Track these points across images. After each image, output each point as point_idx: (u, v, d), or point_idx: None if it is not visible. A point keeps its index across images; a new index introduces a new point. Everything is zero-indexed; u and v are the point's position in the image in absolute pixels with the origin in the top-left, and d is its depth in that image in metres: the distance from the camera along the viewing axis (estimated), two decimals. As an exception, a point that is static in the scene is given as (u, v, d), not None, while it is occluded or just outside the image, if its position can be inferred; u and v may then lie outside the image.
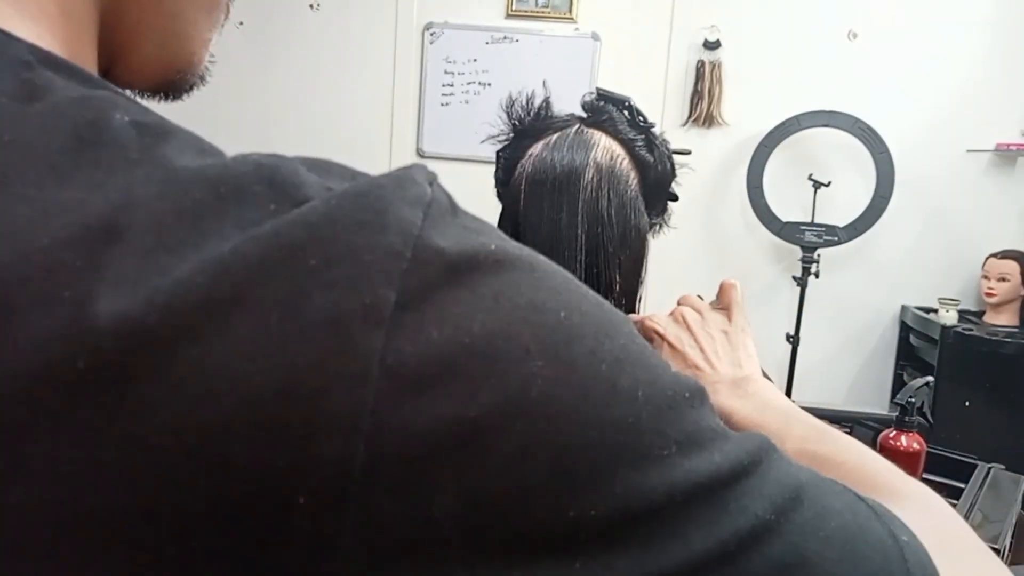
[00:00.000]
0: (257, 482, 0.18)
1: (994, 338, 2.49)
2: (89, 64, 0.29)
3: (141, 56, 0.31)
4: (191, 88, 0.35)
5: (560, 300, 0.22)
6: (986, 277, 2.61)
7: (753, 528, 0.23)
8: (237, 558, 0.18)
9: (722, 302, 0.64)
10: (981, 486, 1.06)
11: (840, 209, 2.70)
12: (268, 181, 0.21)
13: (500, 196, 0.77)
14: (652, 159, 0.73)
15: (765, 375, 0.60)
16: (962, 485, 1.06)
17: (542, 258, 0.24)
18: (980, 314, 2.70)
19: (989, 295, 2.58)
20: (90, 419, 0.18)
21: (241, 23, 2.92)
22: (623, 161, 0.72)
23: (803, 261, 2.67)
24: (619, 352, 0.22)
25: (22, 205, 0.19)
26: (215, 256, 0.19)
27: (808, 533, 0.24)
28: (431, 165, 0.25)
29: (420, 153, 2.93)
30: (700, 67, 2.81)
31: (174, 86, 0.34)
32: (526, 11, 2.87)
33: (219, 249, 0.19)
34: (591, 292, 0.24)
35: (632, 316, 0.66)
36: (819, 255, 2.68)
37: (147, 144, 0.21)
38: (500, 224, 0.73)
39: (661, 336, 0.61)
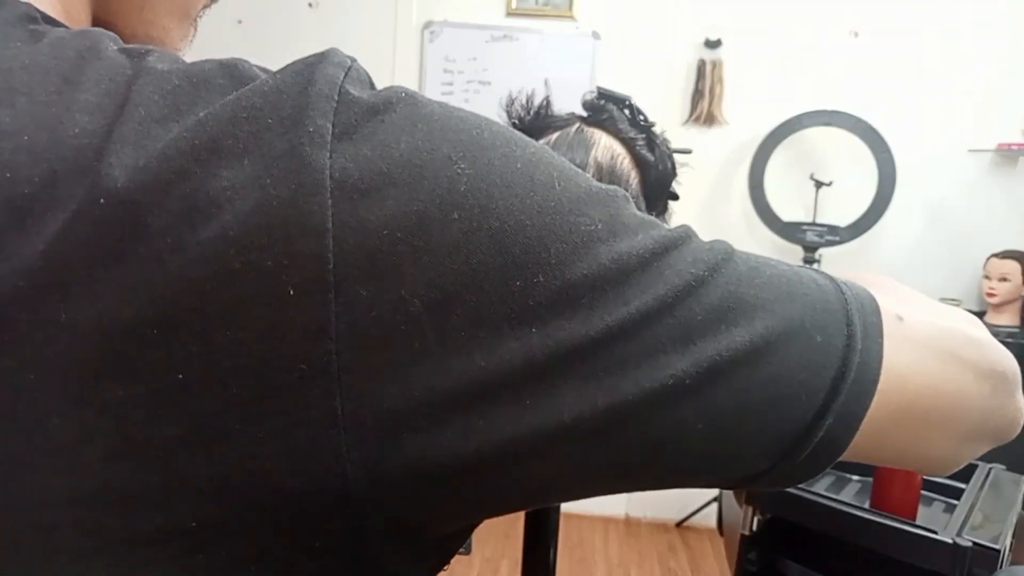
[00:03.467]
0: (253, 281, 0.22)
1: (996, 338, 2.48)
2: None
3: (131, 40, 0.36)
4: None
5: (471, 123, 0.26)
6: (987, 277, 2.61)
7: (687, 283, 0.26)
8: (247, 349, 0.22)
9: None
10: (981, 486, 1.06)
11: (842, 209, 2.70)
12: (228, 74, 0.26)
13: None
14: (653, 158, 0.72)
15: None
16: (962, 485, 1.06)
17: (455, 106, 0.27)
18: (981, 314, 2.70)
19: (990, 295, 2.58)
20: (116, 246, 0.22)
21: (240, 21, 2.92)
22: (624, 160, 0.71)
23: (804, 261, 2.66)
24: (531, 156, 0.26)
25: (49, 107, 0.24)
26: (194, 121, 0.24)
27: (743, 280, 0.28)
28: None
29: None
30: (701, 66, 2.81)
31: None
32: (526, 9, 2.86)
33: (196, 116, 0.24)
34: (501, 124, 0.28)
35: None
36: (820, 255, 2.68)
37: (135, 61, 0.26)
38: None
39: None
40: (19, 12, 0.28)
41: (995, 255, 2.60)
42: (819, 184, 2.70)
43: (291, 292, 0.22)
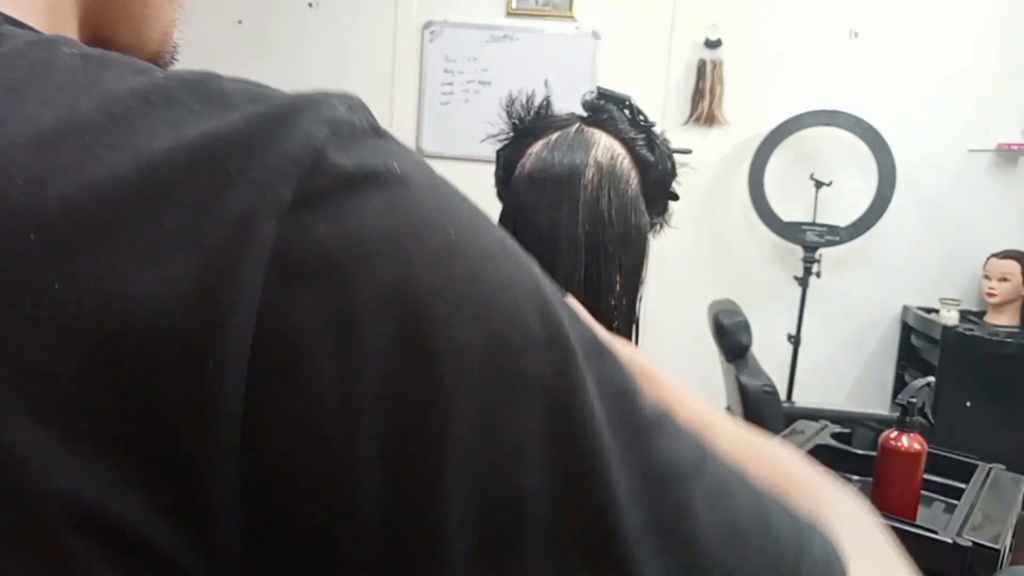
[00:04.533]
0: (174, 347, 0.21)
1: (995, 338, 2.49)
2: None
3: (122, 44, 0.34)
4: (165, 69, 0.38)
5: (454, 222, 0.24)
6: (987, 277, 2.61)
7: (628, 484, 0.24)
8: (158, 411, 0.21)
9: None
10: (982, 486, 1.06)
11: (842, 209, 2.70)
12: (193, 91, 0.24)
13: (500, 195, 0.77)
14: (653, 158, 0.72)
15: None
16: (963, 485, 1.06)
17: (454, 188, 0.25)
18: (981, 314, 2.70)
19: (990, 295, 2.58)
20: (39, 283, 0.21)
21: (240, 21, 2.92)
22: (624, 160, 0.71)
23: (804, 261, 2.66)
24: (504, 278, 0.24)
25: None
26: (147, 159, 0.22)
27: (687, 512, 0.25)
28: (432, 164, 0.25)
29: (420, 152, 2.93)
30: (701, 66, 2.81)
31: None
32: (526, 9, 2.86)
33: (150, 148, 0.22)
34: (494, 226, 0.25)
35: None
36: (820, 255, 2.68)
37: (90, 71, 0.24)
38: (500, 222, 0.73)
39: None
40: None
41: (995, 255, 2.60)
42: (819, 184, 2.70)
43: (210, 365, 0.21)
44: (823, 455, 1.14)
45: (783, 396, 2.51)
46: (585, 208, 0.68)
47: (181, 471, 0.21)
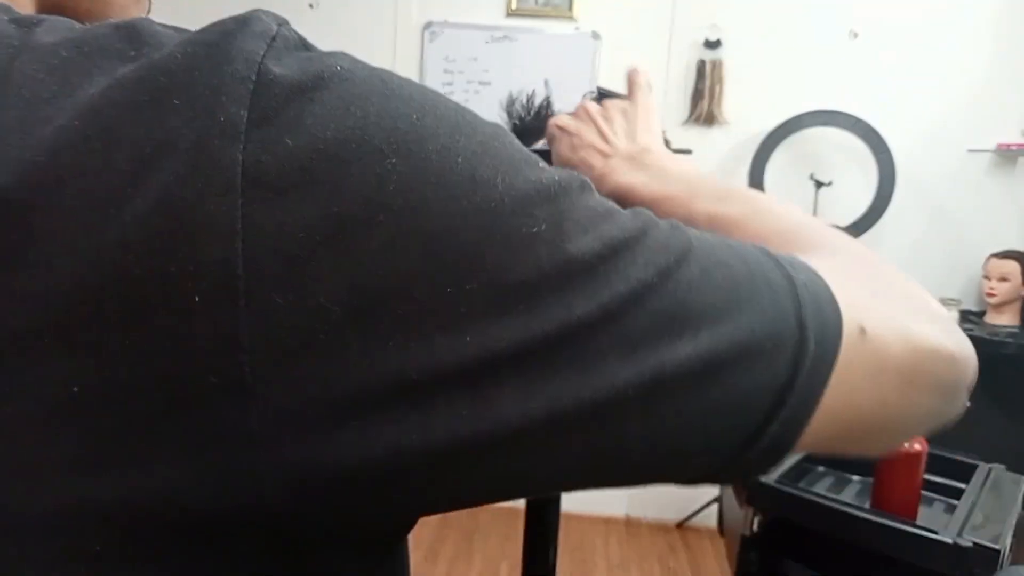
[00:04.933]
0: (155, 290, 0.20)
1: (995, 338, 2.49)
2: None
3: (80, 12, 0.34)
4: None
5: (413, 105, 0.24)
6: (987, 277, 2.61)
7: (633, 290, 0.25)
8: (149, 362, 0.20)
9: (628, 88, 0.63)
10: (982, 486, 1.06)
11: (841, 209, 2.70)
12: (127, 37, 0.23)
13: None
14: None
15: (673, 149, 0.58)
16: (963, 485, 1.06)
17: (399, 76, 0.25)
18: (981, 314, 2.70)
19: (990, 295, 2.58)
20: (2, 252, 0.20)
21: (241, 22, 2.92)
22: (624, 160, 0.71)
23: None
24: (476, 147, 0.24)
25: None
26: (87, 103, 0.21)
27: (693, 286, 0.26)
28: None
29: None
30: (701, 66, 2.81)
31: None
32: (526, 10, 2.86)
33: (89, 93, 0.21)
34: (452, 102, 0.25)
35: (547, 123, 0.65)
36: (820, 255, 2.67)
37: (23, 32, 0.24)
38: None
39: (562, 129, 0.61)
40: None
41: (995, 255, 2.60)
42: (819, 184, 2.70)
43: (197, 300, 0.20)
44: (823, 455, 1.14)
45: (783, 396, 2.51)
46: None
47: (190, 414, 0.21)
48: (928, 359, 0.32)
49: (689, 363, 0.25)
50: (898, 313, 0.33)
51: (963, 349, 0.35)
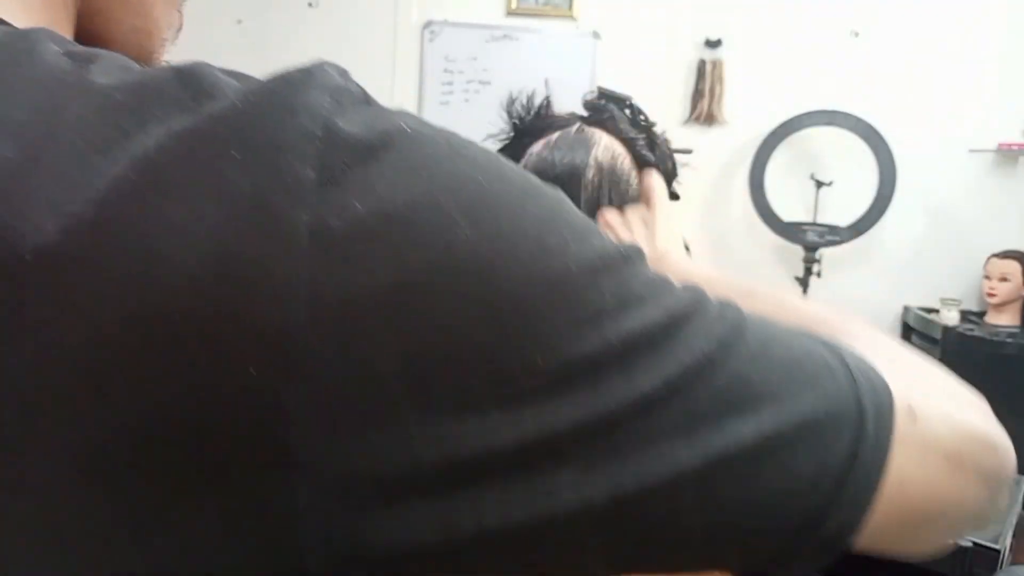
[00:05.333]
0: (207, 355, 0.19)
1: (996, 338, 2.49)
2: None
3: (113, 37, 0.33)
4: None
5: (480, 169, 0.23)
6: (988, 277, 2.61)
7: (697, 363, 0.24)
8: (196, 429, 0.19)
9: (643, 194, 0.64)
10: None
11: (842, 209, 2.70)
12: (185, 84, 0.22)
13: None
14: (653, 158, 0.72)
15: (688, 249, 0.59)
16: (964, 486, 1.06)
17: (463, 136, 0.24)
18: (982, 314, 2.70)
19: (991, 295, 2.58)
20: (45, 308, 0.19)
21: (240, 21, 2.92)
22: (624, 160, 0.71)
23: (805, 261, 2.66)
24: (544, 214, 0.23)
25: None
26: (143, 153, 0.20)
27: (752, 362, 0.25)
28: None
29: (420, 152, 2.93)
30: (701, 65, 2.81)
31: None
32: (526, 9, 2.86)
33: (145, 144, 0.20)
34: (514, 164, 0.25)
35: None
36: (821, 255, 2.67)
37: (76, 67, 0.23)
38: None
39: None
40: None
41: (995, 255, 2.60)
42: (819, 184, 2.70)
43: (249, 367, 0.19)
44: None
45: (783, 396, 2.51)
46: (586, 208, 0.68)
47: (236, 481, 0.20)
48: (974, 445, 0.32)
49: (753, 443, 0.24)
50: (940, 398, 0.33)
51: (1003, 439, 0.35)
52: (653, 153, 0.72)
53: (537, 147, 0.72)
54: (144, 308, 0.19)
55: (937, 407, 0.31)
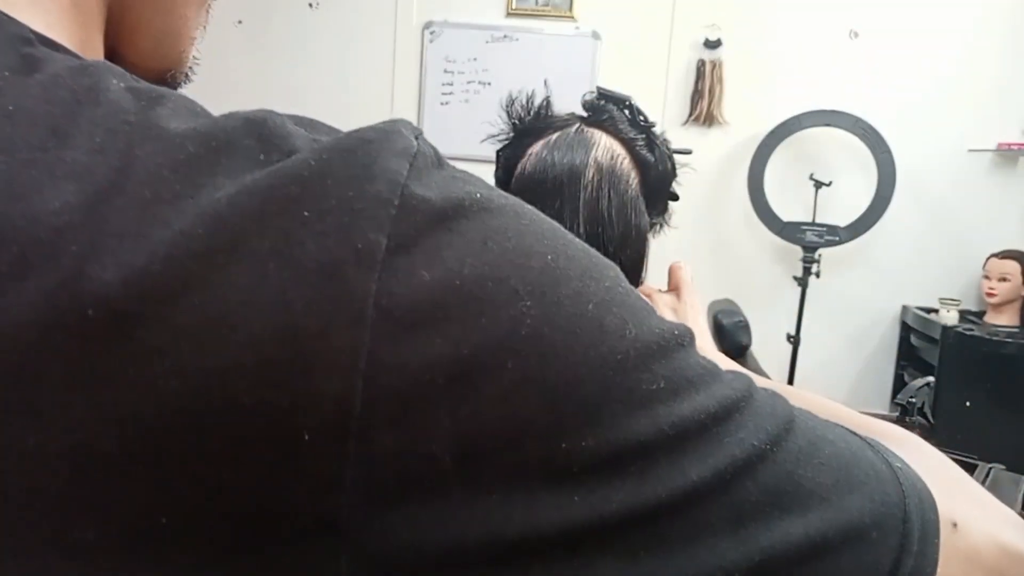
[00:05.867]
0: (264, 422, 0.19)
1: (995, 338, 2.49)
2: (96, 56, 0.30)
3: (139, 52, 0.32)
4: (178, 86, 0.36)
5: (547, 244, 0.23)
6: (987, 277, 2.61)
7: (748, 456, 0.23)
8: (247, 496, 0.19)
9: (672, 284, 0.64)
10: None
11: (841, 209, 2.70)
12: (257, 134, 0.22)
13: (500, 195, 0.77)
14: (653, 158, 0.72)
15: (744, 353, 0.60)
16: (963, 486, 1.06)
17: (528, 206, 0.24)
18: (981, 314, 2.70)
19: (990, 295, 2.58)
20: (101, 366, 0.19)
21: (240, 22, 2.92)
22: (624, 160, 0.71)
23: (804, 261, 2.66)
24: (605, 294, 0.23)
25: (29, 168, 0.20)
26: (212, 209, 0.20)
27: (802, 459, 0.25)
28: None
29: (420, 152, 2.92)
30: (701, 66, 2.81)
31: (165, 84, 0.35)
32: (526, 10, 2.86)
33: (214, 199, 0.20)
34: (576, 239, 0.25)
35: None
36: (820, 255, 2.68)
37: (142, 107, 0.22)
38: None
39: None
40: (11, 33, 0.24)
41: (995, 255, 2.60)
42: (819, 184, 2.70)
43: (306, 437, 0.19)
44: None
45: (783, 396, 2.51)
46: (585, 208, 0.68)
47: (282, 550, 0.20)
48: (1014, 562, 0.31)
49: (798, 545, 0.24)
50: (982, 512, 0.33)
51: None
52: (652, 154, 0.73)
53: (536, 147, 0.72)
54: (206, 374, 0.19)
55: (980, 521, 0.31)
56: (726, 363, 0.55)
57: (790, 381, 2.66)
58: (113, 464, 0.19)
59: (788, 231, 2.71)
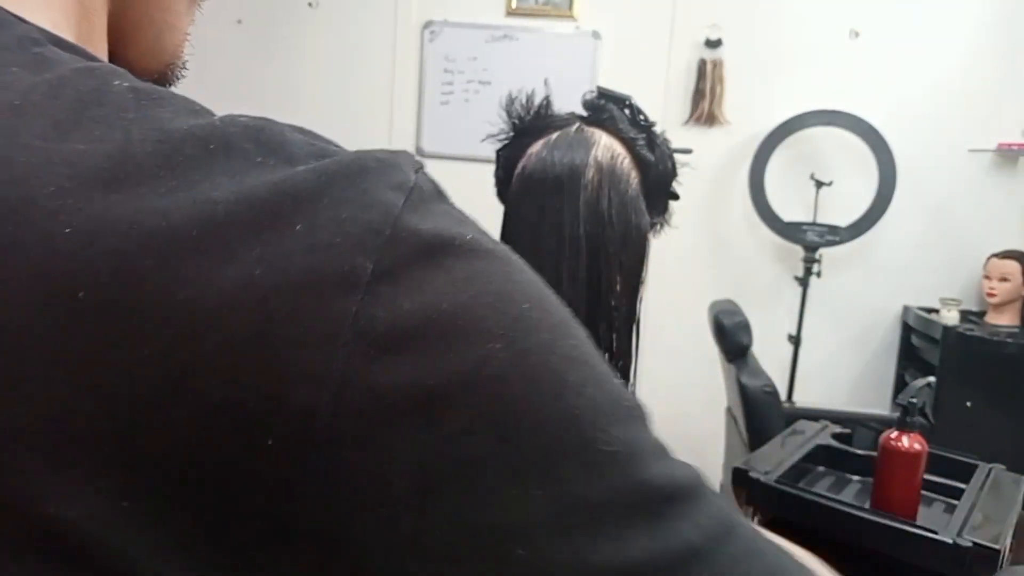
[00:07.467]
0: (230, 421, 0.19)
1: (995, 338, 2.49)
2: (100, 52, 0.31)
3: (140, 48, 0.33)
4: (176, 81, 0.37)
5: (525, 294, 0.24)
6: (987, 277, 2.61)
7: (683, 551, 0.24)
8: (205, 489, 0.20)
9: None
10: (982, 486, 1.05)
11: (842, 209, 2.70)
12: (255, 139, 0.23)
13: (500, 195, 0.77)
14: (653, 158, 0.72)
15: None
16: (963, 485, 1.06)
17: (515, 256, 0.25)
18: (982, 314, 2.70)
19: (990, 295, 2.58)
20: (84, 347, 0.19)
21: (240, 21, 2.92)
22: (624, 160, 0.71)
23: (805, 261, 2.66)
24: (571, 351, 0.24)
25: (28, 154, 0.21)
26: (208, 211, 0.20)
27: (736, 564, 0.25)
28: (431, 164, 0.25)
29: (420, 152, 2.92)
30: (701, 65, 2.81)
31: (165, 79, 0.36)
32: (526, 9, 2.86)
33: (211, 199, 0.21)
34: (554, 296, 0.25)
35: None
36: (821, 255, 2.67)
37: (143, 106, 0.23)
38: (502, 223, 0.73)
39: None
40: (18, 34, 0.24)
41: (995, 255, 2.60)
42: (819, 184, 2.70)
43: (269, 442, 0.20)
44: (823, 455, 1.14)
45: (783, 396, 2.51)
46: (585, 208, 0.68)
47: (234, 553, 0.20)
48: None
49: None
50: None
51: None
52: (653, 153, 0.73)
53: (537, 147, 0.72)
54: (179, 364, 0.19)
55: None
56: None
57: (791, 381, 2.66)
58: (78, 445, 0.19)
59: (789, 231, 2.70)
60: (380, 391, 0.20)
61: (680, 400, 2.65)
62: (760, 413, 2.06)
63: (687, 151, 0.80)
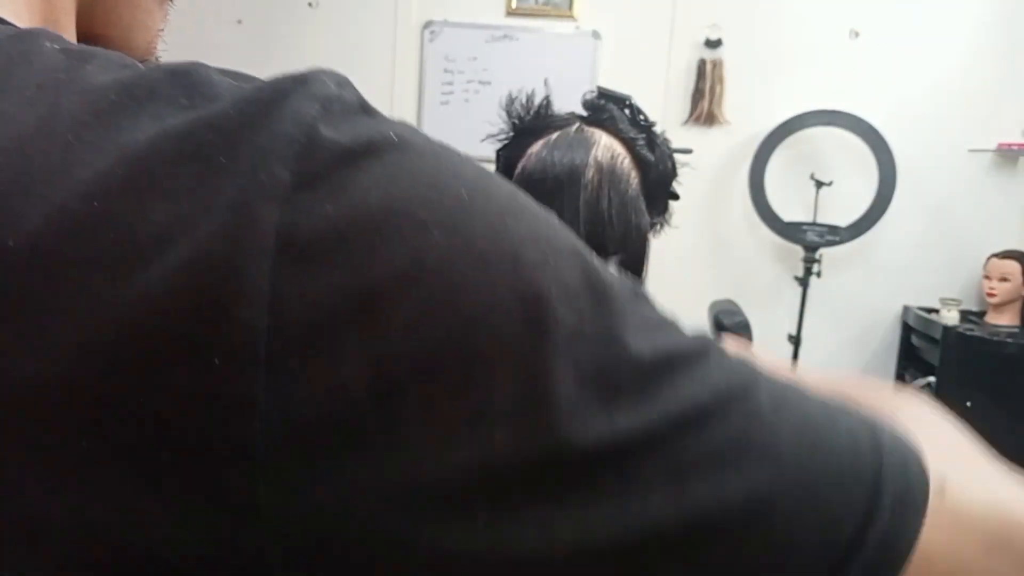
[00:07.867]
0: (176, 347, 0.20)
1: (995, 338, 2.49)
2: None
3: (110, 45, 0.33)
4: None
5: (464, 182, 0.22)
6: (987, 277, 2.61)
7: (685, 412, 0.22)
8: (165, 420, 0.20)
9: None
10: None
11: (842, 209, 2.70)
12: (181, 84, 0.22)
13: (500, 195, 0.76)
14: (653, 158, 0.72)
15: None
16: (964, 486, 1.06)
17: (456, 152, 0.24)
18: (982, 314, 2.70)
19: (990, 295, 2.58)
20: (25, 297, 0.20)
21: (240, 21, 2.92)
22: (624, 160, 0.71)
23: (805, 261, 2.66)
24: (525, 231, 0.22)
25: None
26: (132, 150, 0.21)
27: (759, 417, 0.23)
28: None
29: (420, 152, 2.92)
30: (701, 65, 2.81)
31: None
32: (526, 9, 2.86)
33: (135, 139, 0.21)
34: (505, 183, 0.24)
35: None
36: (821, 255, 2.67)
37: (72, 65, 0.23)
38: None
39: None
40: None
41: (995, 255, 2.60)
42: (819, 184, 2.70)
43: (216, 362, 0.19)
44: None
45: (783, 396, 2.51)
46: (585, 208, 0.68)
47: (197, 476, 0.20)
48: (1020, 527, 0.29)
49: (739, 506, 0.22)
50: (986, 478, 0.31)
51: None
52: (653, 153, 0.72)
53: (536, 147, 0.72)
54: (120, 304, 0.20)
55: (980, 486, 0.29)
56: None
57: (790, 381, 2.66)
58: (33, 391, 0.20)
59: (789, 231, 2.70)
60: (315, 299, 0.20)
61: (680, 400, 2.64)
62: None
63: (687, 151, 0.80)
